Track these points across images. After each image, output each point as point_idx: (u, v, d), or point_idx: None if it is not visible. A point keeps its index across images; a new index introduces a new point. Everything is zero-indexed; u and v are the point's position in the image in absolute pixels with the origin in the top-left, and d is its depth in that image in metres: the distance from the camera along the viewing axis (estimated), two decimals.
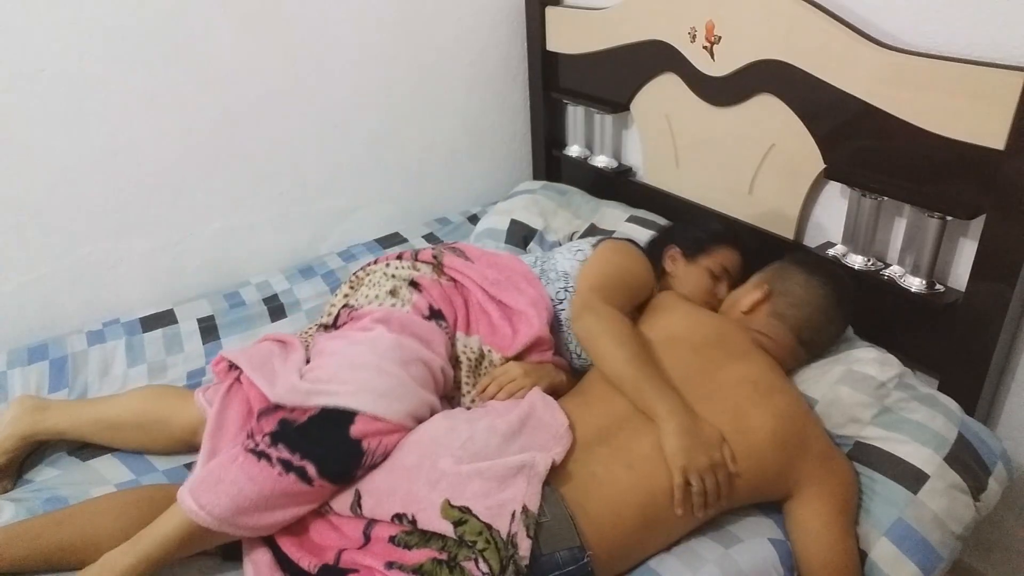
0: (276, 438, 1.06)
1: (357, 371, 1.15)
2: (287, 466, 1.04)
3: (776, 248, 1.60)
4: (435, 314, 1.34)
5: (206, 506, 1.01)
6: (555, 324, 1.46)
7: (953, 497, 1.16)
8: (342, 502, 1.07)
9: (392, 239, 2.09)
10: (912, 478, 1.17)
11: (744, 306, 1.37)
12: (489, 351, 1.38)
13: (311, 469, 1.04)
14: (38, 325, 1.77)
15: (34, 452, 1.40)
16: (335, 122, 2.02)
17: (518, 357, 1.37)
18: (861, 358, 1.35)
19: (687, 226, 1.62)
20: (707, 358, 1.26)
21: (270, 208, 2.01)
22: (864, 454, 1.24)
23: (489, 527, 0.98)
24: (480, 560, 0.96)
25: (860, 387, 1.29)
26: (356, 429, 1.08)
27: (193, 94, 1.79)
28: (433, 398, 1.22)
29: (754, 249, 1.58)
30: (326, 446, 1.06)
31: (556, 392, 1.32)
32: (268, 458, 1.04)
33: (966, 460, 1.20)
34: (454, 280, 1.46)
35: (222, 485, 1.03)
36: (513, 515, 0.99)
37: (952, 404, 1.30)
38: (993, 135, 1.22)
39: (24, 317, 1.76)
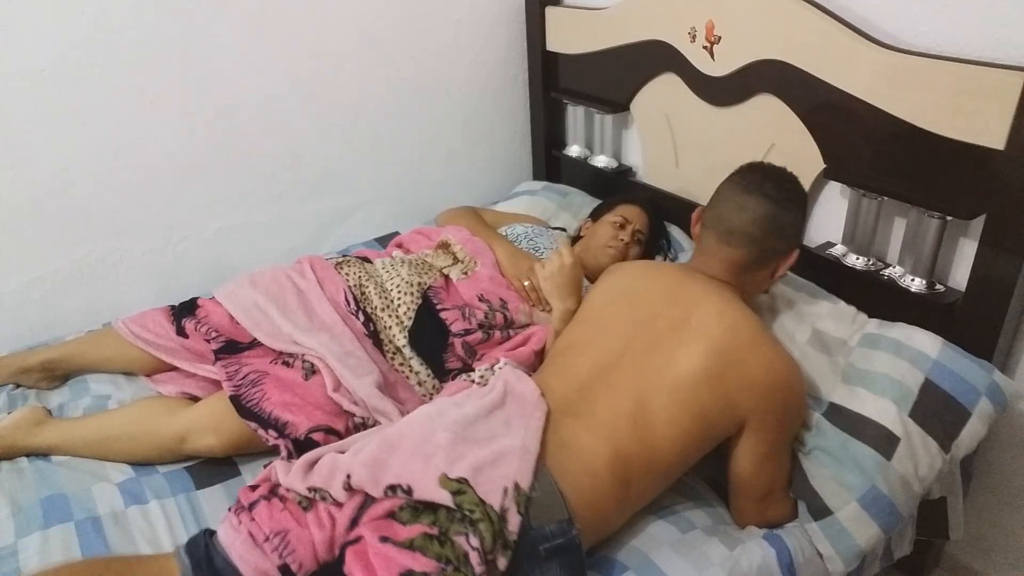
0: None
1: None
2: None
3: None
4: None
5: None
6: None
7: (919, 458, 1.18)
8: (335, 485, 1.07)
9: (392, 239, 2.09)
10: (884, 441, 1.18)
11: (694, 236, 1.36)
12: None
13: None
14: (38, 325, 1.78)
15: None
16: (335, 122, 2.02)
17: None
18: (819, 314, 1.38)
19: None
20: (648, 311, 1.26)
21: (270, 208, 2.01)
22: (837, 416, 1.25)
23: (483, 501, 1.01)
24: (471, 535, 0.98)
25: (827, 348, 1.33)
26: (201, 300, 1.58)
27: (193, 94, 1.79)
28: (265, 302, 1.51)
29: None
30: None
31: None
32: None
33: (935, 409, 1.20)
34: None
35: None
36: (505, 491, 1.02)
37: (922, 342, 1.27)
38: (993, 135, 1.22)
39: (24, 317, 1.76)
